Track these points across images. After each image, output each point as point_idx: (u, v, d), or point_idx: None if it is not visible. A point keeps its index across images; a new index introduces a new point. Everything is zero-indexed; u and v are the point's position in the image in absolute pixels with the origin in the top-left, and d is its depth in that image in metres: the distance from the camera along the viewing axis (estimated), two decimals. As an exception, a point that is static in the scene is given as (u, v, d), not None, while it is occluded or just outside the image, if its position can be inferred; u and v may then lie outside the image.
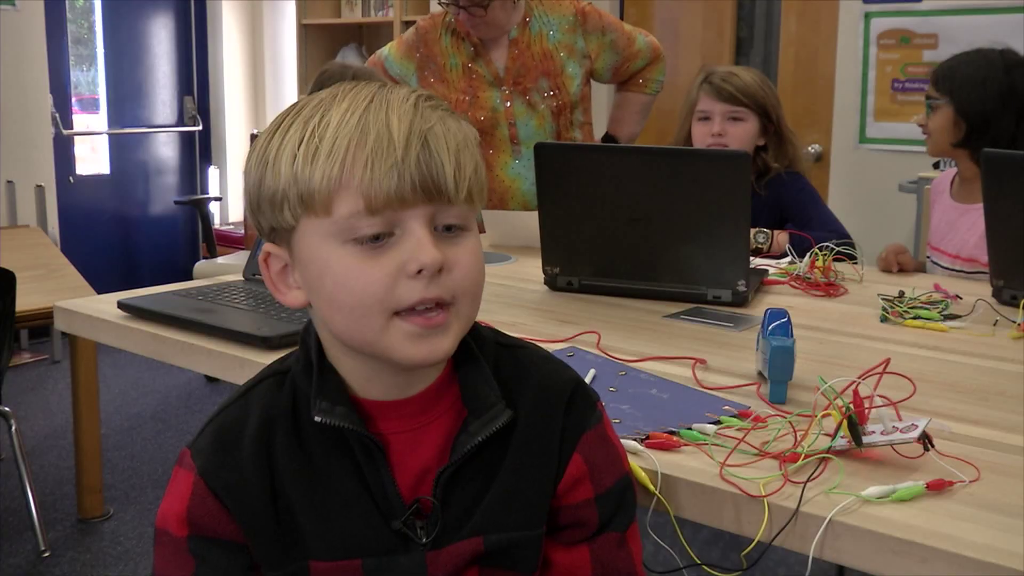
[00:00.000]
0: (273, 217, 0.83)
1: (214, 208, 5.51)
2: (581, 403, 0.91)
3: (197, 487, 0.84)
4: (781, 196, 2.39)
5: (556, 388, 0.91)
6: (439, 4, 2.56)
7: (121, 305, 1.67)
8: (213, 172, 5.73)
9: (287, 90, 5.59)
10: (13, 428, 2.74)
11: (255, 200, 0.84)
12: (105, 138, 5.31)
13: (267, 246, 0.87)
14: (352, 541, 0.84)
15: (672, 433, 1.10)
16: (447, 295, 0.82)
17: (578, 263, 1.86)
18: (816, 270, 1.94)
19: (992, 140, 2.04)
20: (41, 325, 3.34)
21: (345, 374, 0.87)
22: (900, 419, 1.04)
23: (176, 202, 5.35)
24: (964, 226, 2.16)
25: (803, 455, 1.01)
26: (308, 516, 0.84)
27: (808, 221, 2.35)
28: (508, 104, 2.56)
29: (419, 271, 0.80)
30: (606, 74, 2.70)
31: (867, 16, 3.77)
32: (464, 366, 0.89)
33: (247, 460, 0.84)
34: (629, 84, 2.76)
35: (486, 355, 0.90)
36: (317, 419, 0.83)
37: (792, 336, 1.25)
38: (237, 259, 4.24)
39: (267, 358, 1.18)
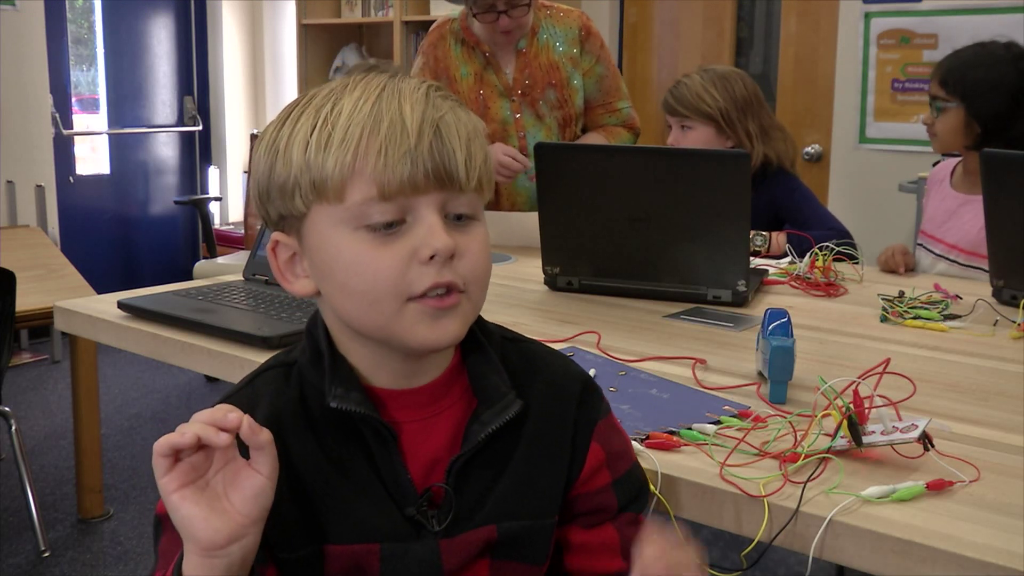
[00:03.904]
0: (283, 205, 0.84)
1: (214, 208, 5.51)
2: (591, 396, 0.93)
3: None
4: (775, 198, 2.38)
5: (566, 381, 0.93)
6: (472, 15, 2.52)
7: (121, 305, 1.67)
8: (213, 172, 5.73)
9: (287, 90, 5.58)
10: (13, 428, 2.74)
11: (264, 188, 0.85)
12: (105, 138, 5.31)
13: (275, 235, 0.87)
14: (368, 527, 0.84)
15: (672, 433, 1.10)
16: (459, 280, 0.83)
17: (578, 263, 1.86)
18: (816, 270, 1.94)
19: (1007, 141, 2.04)
20: (41, 325, 3.33)
21: (355, 362, 0.87)
22: (900, 419, 1.04)
23: (176, 202, 5.34)
24: (966, 216, 2.15)
25: (803, 455, 1.01)
26: (323, 501, 0.84)
27: (806, 222, 2.35)
28: (518, 115, 2.55)
29: (431, 257, 0.80)
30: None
31: (867, 16, 3.77)
32: (473, 356, 0.90)
33: None
34: (594, 124, 2.65)
35: (493, 347, 0.91)
36: (333, 404, 0.83)
37: (792, 336, 1.25)
38: (237, 259, 4.24)
39: (267, 358, 1.18)
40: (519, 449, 0.88)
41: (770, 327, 1.27)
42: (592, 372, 1.30)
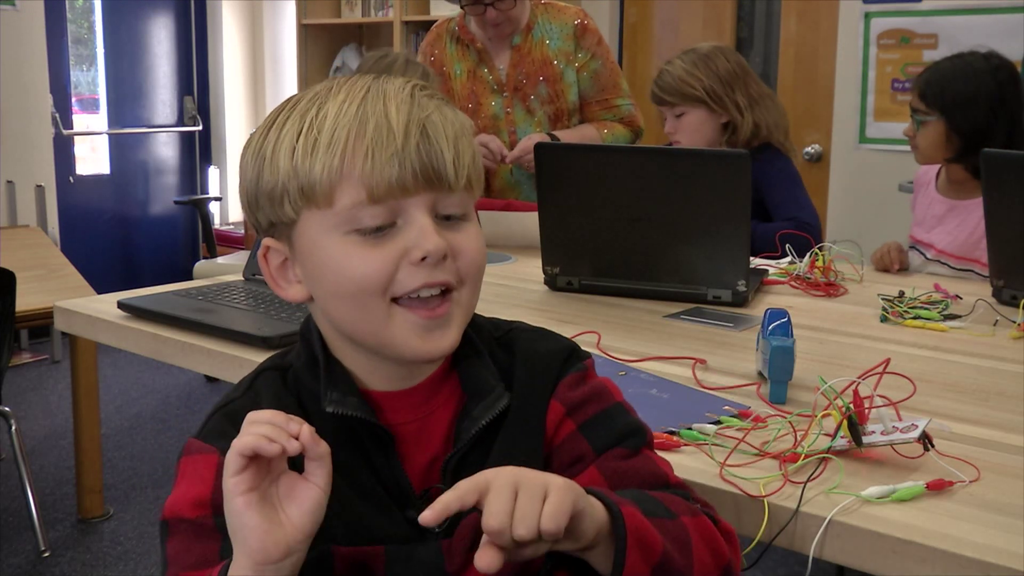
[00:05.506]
0: (272, 212, 0.84)
1: (214, 208, 5.51)
2: (565, 363, 0.91)
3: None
4: (757, 175, 2.34)
5: (544, 358, 0.91)
6: (460, 7, 2.55)
7: (121, 305, 1.67)
8: (213, 172, 5.73)
9: (287, 90, 5.58)
10: (13, 428, 2.74)
11: (253, 196, 0.85)
12: (105, 138, 5.31)
13: (266, 241, 0.87)
14: (372, 529, 0.84)
15: (672, 433, 1.10)
16: (452, 279, 0.82)
17: (578, 263, 1.86)
18: (816, 270, 1.94)
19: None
20: (41, 325, 3.33)
21: (350, 366, 0.87)
22: (900, 419, 1.04)
23: (176, 202, 5.35)
24: (952, 222, 2.16)
25: (803, 455, 1.01)
26: (331, 502, 0.83)
27: (776, 205, 2.34)
28: (508, 111, 2.57)
29: (423, 258, 0.80)
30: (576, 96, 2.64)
31: (867, 16, 3.77)
32: (462, 353, 0.89)
33: None
34: (591, 120, 2.67)
35: (483, 342, 0.90)
36: (329, 410, 0.83)
37: (792, 336, 1.25)
38: (237, 259, 4.24)
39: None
40: (501, 434, 0.87)
41: (770, 327, 1.27)
42: (592, 372, 1.30)
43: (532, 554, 0.72)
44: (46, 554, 2.69)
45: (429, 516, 0.71)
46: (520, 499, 0.71)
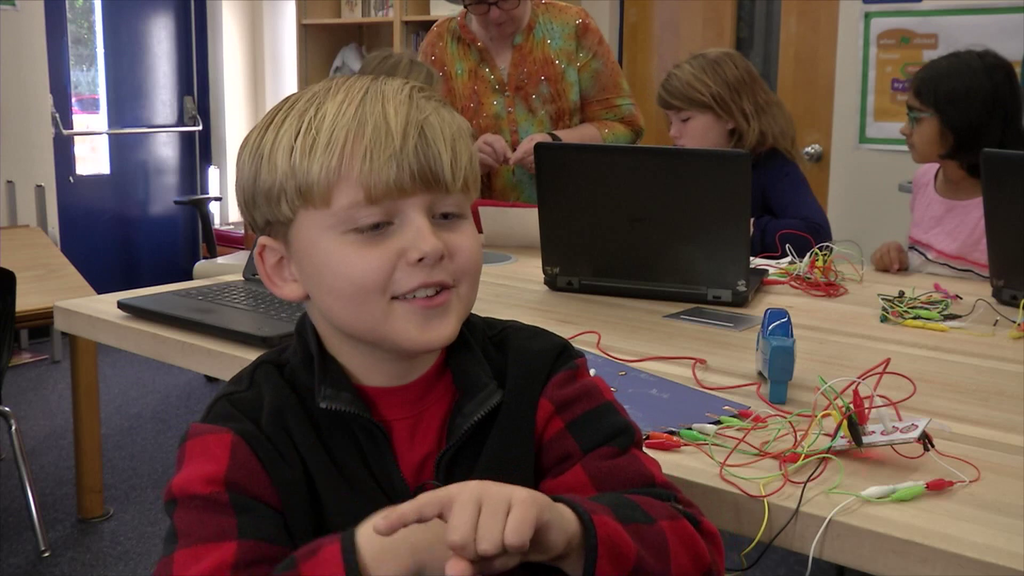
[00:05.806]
0: (269, 211, 0.84)
1: (214, 208, 5.51)
2: (557, 362, 0.91)
3: (238, 447, 0.81)
4: (763, 180, 2.35)
5: (537, 357, 0.91)
6: (463, 6, 2.56)
7: (121, 305, 1.67)
8: (213, 172, 5.73)
9: (287, 90, 5.58)
10: (13, 428, 2.74)
11: (250, 195, 0.85)
12: (105, 138, 5.31)
13: (262, 239, 0.87)
14: None
15: (672, 433, 1.10)
16: (449, 278, 0.83)
17: (578, 263, 1.86)
18: (816, 270, 1.94)
19: (981, 149, 2.04)
20: (41, 325, 3.33)
21: (346, 363, 0.87)
22: (900, 419, 1.05)
23: (176, 202, 5.35)
24: (951, 223, 2.16)
25: (803, 455, 1.01)
26: (329, 495, 0.84)
27: (784, 208, 2.34)
28: (510, 110, 2.58)
29: (420, 259, 0.81)
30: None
31: (867, 16, 3.77)
32: (456, 350, 0.89)
33: (271, 432, 0.83)
34: (592, 120, 2.67)
35: (476, 340, 0.91)
36: (322, 405, 0.83)
37: (792, 336, 1.25)
38: (237, 259, 4.24)
39: (267, 358, 1.18)
40: (492, 433, 0.87)
41: (770, 327, 1.27)
42: (592, 372, 1.30)
43: (501, 566, 0.71)
44: (46, 554, 2.69)
45: (382, 526, 0.70)
46: (483, 514, 0.70)
